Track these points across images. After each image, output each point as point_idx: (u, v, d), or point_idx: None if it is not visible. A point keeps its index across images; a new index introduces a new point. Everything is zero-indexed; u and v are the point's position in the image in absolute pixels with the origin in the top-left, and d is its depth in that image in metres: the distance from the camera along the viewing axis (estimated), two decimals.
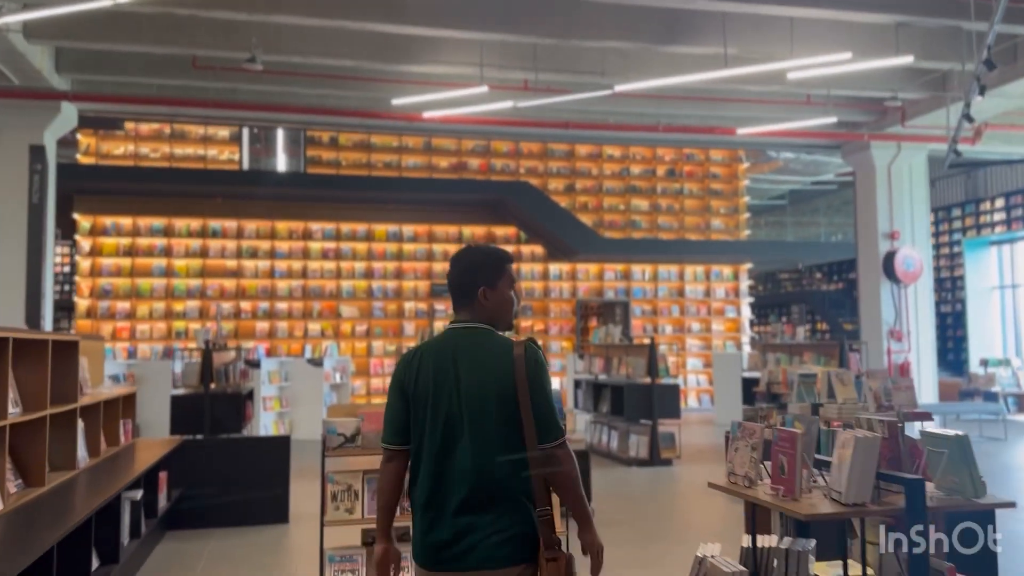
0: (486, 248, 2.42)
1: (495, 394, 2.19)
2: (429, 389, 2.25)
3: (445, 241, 16.48)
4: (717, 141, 13.87)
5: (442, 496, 2.21)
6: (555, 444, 2.20)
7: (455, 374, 2.23)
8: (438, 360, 2.27)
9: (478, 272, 2.34)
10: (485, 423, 2.19)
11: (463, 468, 2.18)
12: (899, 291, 13.02)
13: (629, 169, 17.44)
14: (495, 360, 2.23)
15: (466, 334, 2.31)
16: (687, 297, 17.29)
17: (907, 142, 12.71)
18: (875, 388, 5.02)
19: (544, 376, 2.24)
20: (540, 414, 2.18)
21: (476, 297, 2.31)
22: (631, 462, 9.68)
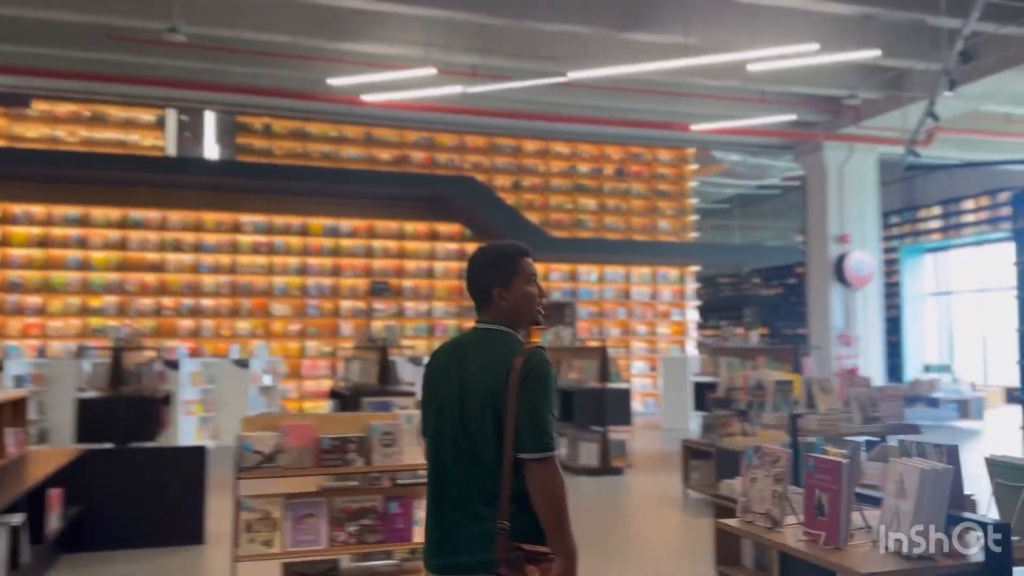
0: (499, 245, 2.33)
1: (488, 399, 2.13)
2: (435, 389, 2.26)
3: (385, 237, 15.73)
4: (671, 138, 13.48)
5: (436, 499, 2.22)
6: (533, 457, 2.06)
7: (459, 376, 2.20)
8: (449, 360, 2.26)
9: (491, 272, 2.26)
10: (475, 428, 2.14)
11: (452, 472, 2.18)
12: (849, 295, 12.83)
13: (576, 167, 16.98)
14: (495, 364, 2.15)
15: (479, 336, 2.26)
16: (633, 299, 16.91)
17: (860, 143, 12.52)
18: (860, 398, 4.57)
19: (535, 384, 2.11)
20: (521, 422, 2.08)
21: (492, 298, 2.25)
22: (581, 471, 9.16)
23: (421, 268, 15.80)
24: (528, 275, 2.29)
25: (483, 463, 2.13)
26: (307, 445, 3.54)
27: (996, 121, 12.08)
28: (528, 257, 2.32)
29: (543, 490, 2.06)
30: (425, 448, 2.30)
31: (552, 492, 2.06)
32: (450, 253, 15.99)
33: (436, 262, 15.83)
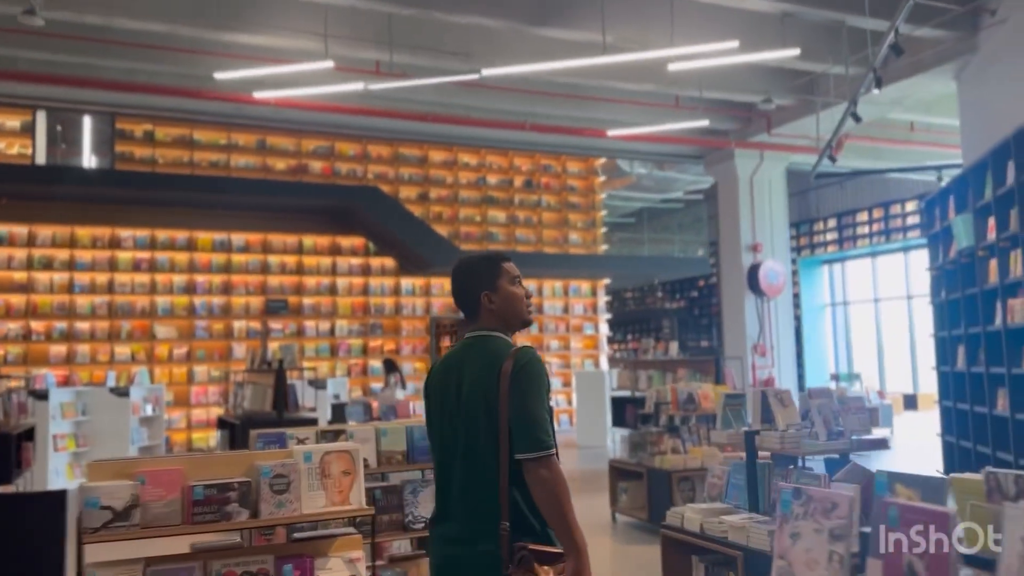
0: (478, 253, 2.39)
1: (483, 403, 2.14)
2: (434, 404, 2.28)
3: (282, 252, 14.71)
4: (583, 145, 13.08)
5: (441, 511, 2.23)
6: (531, 457, 2.06)
7: (457, 385, 2.22)
8: (445, 372, 2.28)
9: (476, 278, 2.30)
10: (475, 434, 2.15)
11: (456, 483, 2.17)
12: (762, 305, 12.70)
13: (486, 178, 16.42)
14: (487, 368, 2.15)
15: (473, 343, 2.27)
16: (545, 314, 16.42)
17: (770, 151, 12.46)
18: (824, 411, 4.09)
19: (525, 383, 2.10)
20: (515, 423, 2.08)
21: (481, 304, 2.28)
22: None
23: (322, 284, 14.85)
24: (512, 276, 2.31)
25: (484, 468, 2.12)
26: (173, 495, 2.74)
27: (901, 130, 12.23)
28: (510, 260, 2.36)
29: (543, 489, 2.03)
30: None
31: (553, 490, 2.03)
32: (353, 268, 15.10)
33: (338, 278, 14.92)
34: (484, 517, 2.10)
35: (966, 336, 8.20)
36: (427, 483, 4.12)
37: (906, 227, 22.19)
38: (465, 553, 2.12)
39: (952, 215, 8.74)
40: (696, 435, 6.98)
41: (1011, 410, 6.93)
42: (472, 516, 2.14)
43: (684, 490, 6.61)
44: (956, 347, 8.72)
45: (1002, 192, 7.03)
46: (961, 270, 8.24)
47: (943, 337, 9.13)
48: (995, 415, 7.44)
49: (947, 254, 8.83)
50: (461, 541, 2.13)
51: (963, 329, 8.28)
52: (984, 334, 7.59)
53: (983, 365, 7.79)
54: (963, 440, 8.45)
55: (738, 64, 8.68)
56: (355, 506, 2.99)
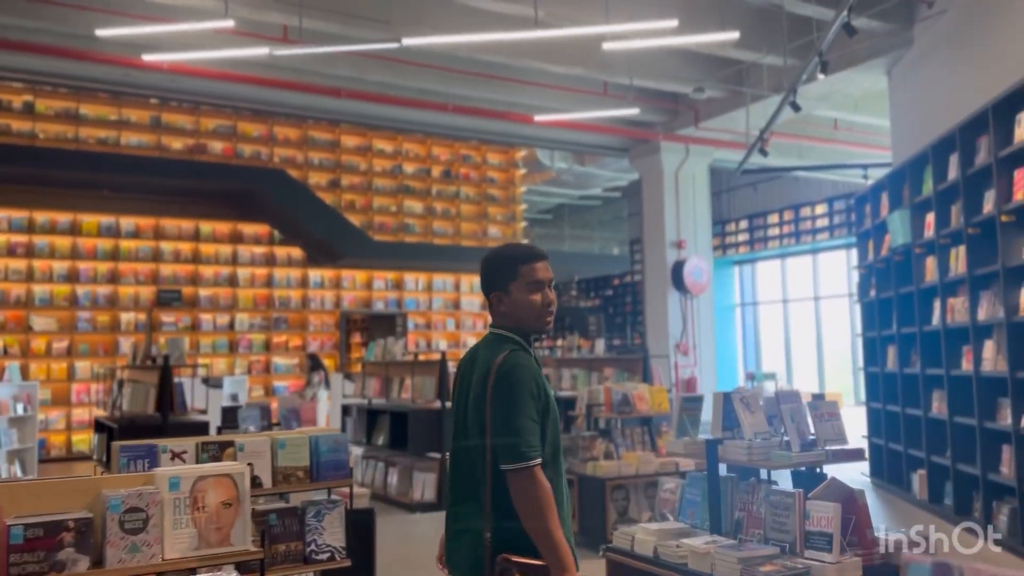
0: (505, 248, 2.32)
1: (476, 406, 2.12)
2: (454, 397, 2.29)
3: (177, 239, 13.56)
4: (506, 132, 12.45)
5: (449, 508, 2.24)
6: (510, 468, 2.01)
7: (467, 387, 2.21)
8: (464, 366, 2.29)
9: (489, 276, 2.28)
10: (469, 436, 2.14)
11: (455, 483, 2.19)
12: (686, 303, 12.41)
13: (402, 167, 15.62)
14: (481, 372, 2.14)
15: (486, 341, 2.27)
16: (463, 309, 15.77)
17: (697, 145, 12.16)
18: (795, 416, 3.60)
19: (506, 391, 2.05)
20: (495, 434, 2.04)
21: (491, 303, 2.28)
22: (415, 507, 7.79)
23: (221, 275, 13.76)
24: (530, 281, 2.22)
25: (475, 473, 2.11)
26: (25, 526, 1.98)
27: (825, 128, 12.13)
28: (537, 262, 2.25)
29: (523, 501, 2.00)
30: None
31: (534, 503, 1.99)
32: (256, 258, 14.07)
33: (239, 268, 13.86)
34: (473, 520, 2.10)
35: (899, 336, 8.00)
36: (335, 504, 3.42)
37: (815, 229, 22.58)
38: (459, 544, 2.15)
39: (885, 212, 8.55)
40: (630, 439, 6.48)
41: (949, 412, 6.70)
42: (464, 515, 2.15)
43: (618, 499, 6.08)
44: (886, 347, 8.54)
45: (944, 187, 6.79)
46: (895, 268, 8.04)
47: (872, 337, 8.95)
48: (931, 417, 7.22)
49: (878, 251, 8.65)
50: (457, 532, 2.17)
51: (895, 329, 8.08)
52: (920, 334, 7.38)
53: (917, 366, 7.59)
54: (893, 443, 8.26)
55: (671, 50, 8.28)
56: (238, 548, 2.28)
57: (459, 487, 2.18)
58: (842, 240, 21.81)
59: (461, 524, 2.15)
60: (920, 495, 7.38)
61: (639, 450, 6.43)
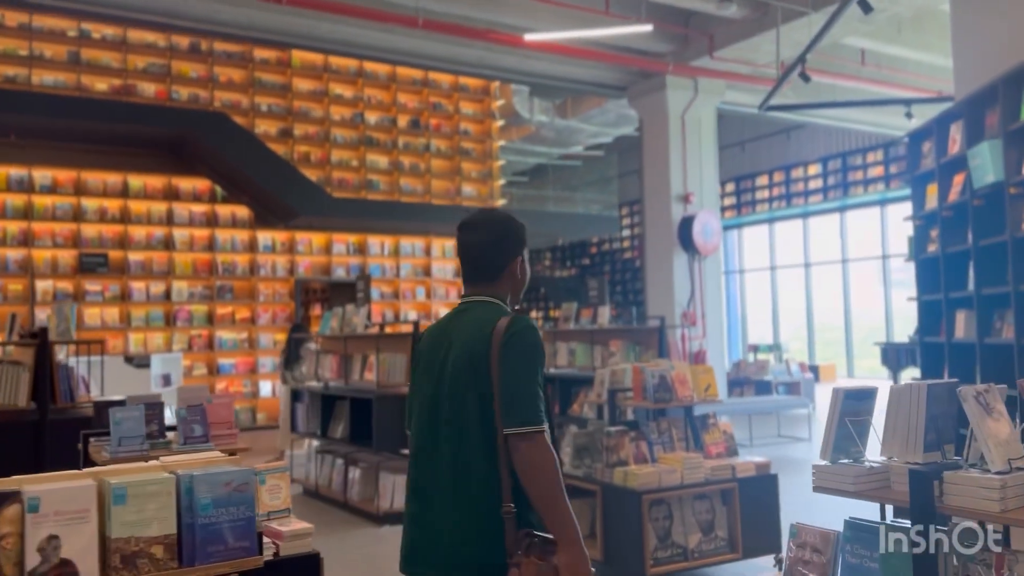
0: (503, 214, 2.14)
1: (472, 372, 1.93)
2: (421, 373, 2.06)
3: (101, 195, 11.65)
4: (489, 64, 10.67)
5: (420, 489, 1.99)
6: (516, 432, 1.84)
7: (445, 353, 2.00)
8: (438, 337, 2.07)
9: (512, 240, 2.08)
10: (462, 408, 1.94)
11: (439, 458, 1.94)
12: (694, 265, 10.84)
13: (364, 116, 13.77)
14: (479, 332, 1.95)
15: (470, 307, 2.06)
16: (435, 277, 14.07)
17: (708, 80, 10.52)
18: None
19: (518, 351, 1.90)
20: (503, 395, 1.88)
21: (506, 269, 2.07)
22: (383, 517, 6.16)
23: (154, 237, 11.89)
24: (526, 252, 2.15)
25: (472, 443, 1.92)
26: None
27: (851, 63, 10.54)
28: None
29: (531, 470, 1.84)
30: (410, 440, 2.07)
31: (543, 471, 1.84)
32: (196, 217, 12.21)
33: (176, 228, 11.98)
34: (476, 499, 1.89)
35: (978, 298, 6.51)
36: None
37: (808, 191, 21.21)
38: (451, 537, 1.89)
39: (956, 147, 7.03)
40: (667, 435, 4.88)
41: None
42: (462, 496, 1.90)
43: (658, 518, 4.50)
44: (954, 313, 7.07)
45: None
46: (974, 215, 6.55)
47: (932, 301, 7.47)
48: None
49: (944, 197, 7.14)
50: (445, 523, 1.91)
51: (972, 289, 6.60)
52: (1016, 295, 5.89)
53: (1010, 335, 6.13)
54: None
55: None
56: None
57: (446, 472, 1.91)
58: (836, 202, 20.47)
59: (462, 511, 1.89)
60: None
61: (679, 450, 4.85)
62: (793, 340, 21.66)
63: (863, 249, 19.88)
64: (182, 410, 3.40)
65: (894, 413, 2.23)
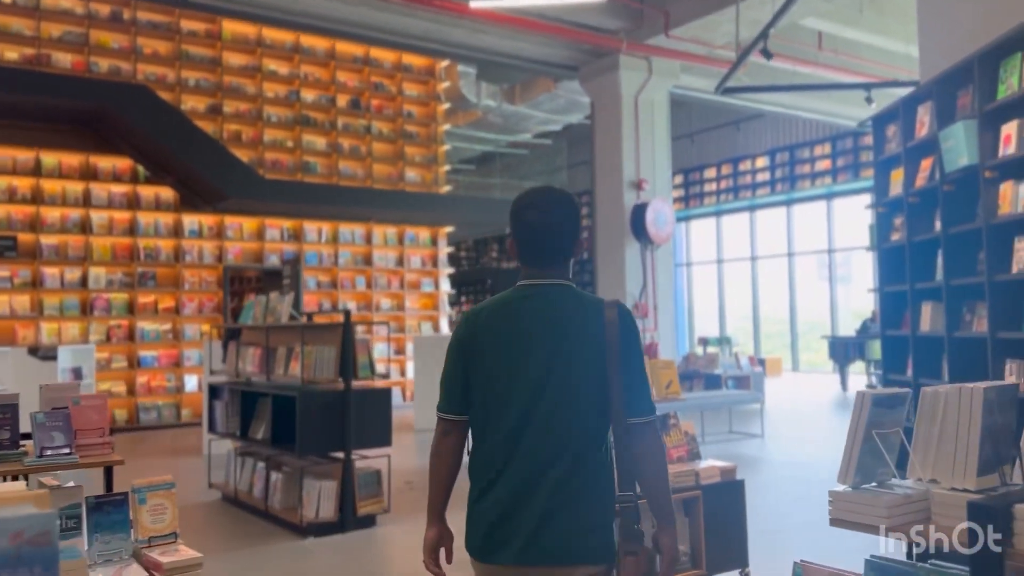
0: (566, 192, 2.02)
1: (585, 361, 1.85)
2: (503, 353, 1.89)
3: (12, 173, 10.72)
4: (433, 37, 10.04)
5: (514, 478, 1.85)
6: (646, 420, 1.86)
7: (538, 335, 1.88)
8: (517, 319, 1.91)
9: (578, 223, 2.00)
10: (572, 394, 1.85)
11: (541, 449, 1.83)
12: (646, 255, 10.41)
13: (299, 94, 13.00)
14: (588, 322, 1.87)
15: (553, 292, 1.91)
16: (376, 266, 13.39)
17: (662, 61, 10.09)
18: None
19: (634, 340, 1.90)
20: (628, 383, 1.85)
21: (573, 251, 1.96)
22: (307, 528, 5.54)
23: (70, 219, 10.99)
24: None
25: (589, 431, 1.85)
26: None
27: (809, 46, 10.21)
28: None
29: (657, 455, 1.89)
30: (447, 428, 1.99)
31: (660, 457, 1.90)
32: (116, 199, 11.33)
33: (94, 211, 11.10)
34: (596, 487, 1.84)
35: (947, 288, 6.18)
36: None
37: (755, 184, 21.09)
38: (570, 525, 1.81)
39: (924, 130, 6.68)
40: None
41: None
42: (581, 485, 1.82)
43: None
44: (920, 304, 6.73)
45: None
46: (945, 200, 6.21)
47: (896, 292, 7.14)
48: None
49: (911, 183, 6.80)
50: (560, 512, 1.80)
51: (941, 279, 6.26)
52: (989, 285, 5.55)
53: (982, 327, 5.80)
54: None
55: None
56: None
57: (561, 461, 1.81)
58: (783, 196, 20.38)
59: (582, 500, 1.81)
60: None
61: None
62: (738, 333, 21.53)
63: (809, 243, 19.83)
64: (39, 414, 2.76)
65: (929, 424, 1.75)
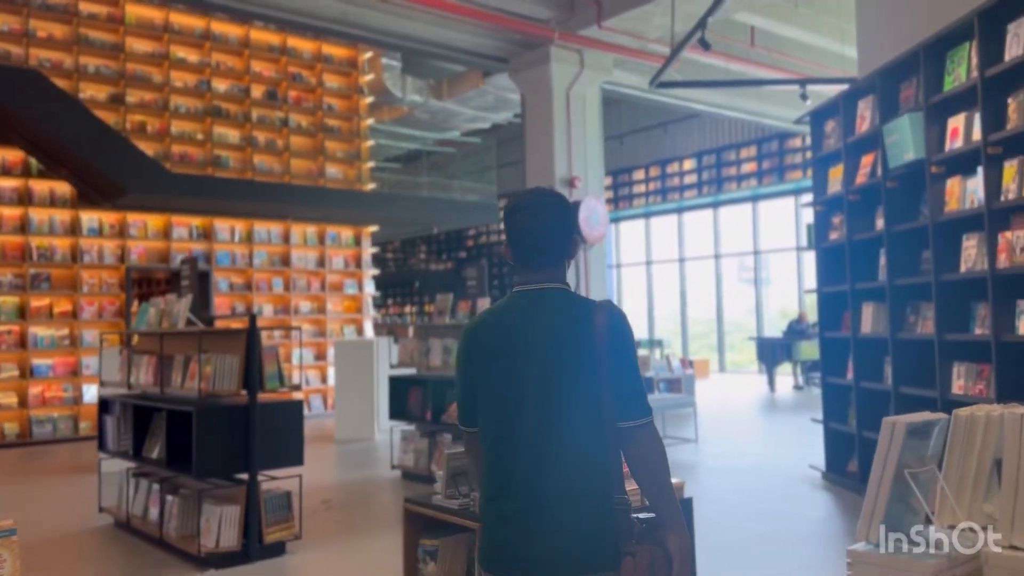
0: (557, 194, 2.01)
1: (578, 367, 1.83)
2: (498, 364, 1.89)
3: None
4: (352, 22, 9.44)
5: (513, 487, 1.85)
6: (641, 423, 1.84)
7: (530, 344, 1.86)
8: (511, 328, 1.90)
9: (571, 225, 1.99)
10: (574, 400, 1.83)
11: (537, 453, 1.83)
12: (580, 254, 10.02)
13: (210, 83, 12.20)
14: (580, 325, 1.85)
15: (546, 295, 1.91)
16: (294, 266, 12.67)
17: (596, 53, 9.73)
18: None
19: (631, 344, 1.89)
20: (621, 386, 1.83)
21: (569, 252, 1.97)
22: (208, 559, 4.92)
23: None
24: None
25: (588, 437, 1.84)
26: None
27: (741, 44, 10.02)
28: None
29: (653, 457, 1.86)
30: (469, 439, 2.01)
31: (658, 458, 1.87)
32: (6, 194, 10.37)
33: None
34: (596, 492, 1.83)
35: (890, 289, 5.95)
36: None
37: (683, 186, 21.12)
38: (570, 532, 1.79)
39: (865, 125, 6.47)
40: None
41: (999, 395, 4.71)
42: (581, 491, 1.81)
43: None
44: (861, 305, 6.52)
45: (999, 71, 4.72)
46: (888, 198, 5.99)
47: (835, 293, 6.92)
48: (951, 399, 5.23)
49: (851, 180, 6.59)
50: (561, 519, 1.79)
51: (885, 279, 6.03)
52: (937, 285, 5.33)
53: (928, 328, 5.59)
54: (869, 430, 6.29)
55: None
56: None
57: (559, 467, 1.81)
58: (710, 198, 20.44)
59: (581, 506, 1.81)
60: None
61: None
62: (666, 335, 21.47)
63: (735, 244, 19.92)
64: None
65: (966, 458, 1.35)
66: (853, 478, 6.47)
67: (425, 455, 6.95)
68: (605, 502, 1.83)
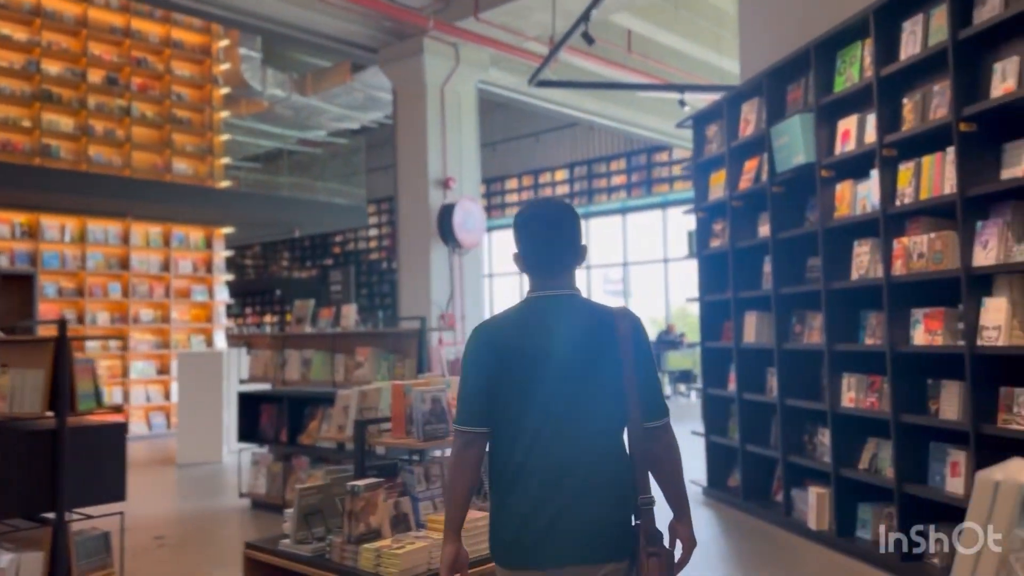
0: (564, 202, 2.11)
1: (599, 368, 1.94)
2: (519, 364, 1.94)
3: None
4: None
5: (535, 485, 1.91)
6: (661, 424, 1.98)
7: (558, 345, 1.94)
8: (537, 329, 1.96)
9: (579, 230, 2.06)
10: (587, 401, 1.93)
11: (561, 452, 1.90)
12: (453, 260, 9.50)
13: (40, 65, 10.83)
14: (600, 329, 1.95)
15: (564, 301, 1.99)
16: (135, 270, 11.43)
17: (472, 46, 9.25)
18: None
19: (645, 344, 2.00)
20: (644, 387, 1.95)
21: (577, 260, 2.03)
22: None
23: None
24: None
25: (613, 437, 1.96)
26: None
27: (618, 49, 9.82)
28: None
29: (673, 455, 2.00)
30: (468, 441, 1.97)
31: (676, 454, 2.01)
32: None
33: None
34: (621, 488, 1.93)
35: (776, 298, 5.76)
36: None
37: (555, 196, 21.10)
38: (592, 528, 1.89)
39: (749, 129, 6.29)
40: (437, 490, 3.35)
41: (895, 408, 4.52)
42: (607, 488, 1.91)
43: None
44: (743, 315, 6.31)
45: (894, 70, 4.57)
46: (774, 203, 5.80)
47: (717, 301, 6.71)
48: (841, 412, 5.05)
49: (734, 185, 6.40)
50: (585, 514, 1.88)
51: (770, 287, 5.83)
52: (827, 294, 5.13)
53: (815, 339, 5.40)
54: (754, 444, 6.07)
55: None
56: None
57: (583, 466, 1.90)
58: (582, 209, 20.50)
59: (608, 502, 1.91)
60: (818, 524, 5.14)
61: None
62: None
63: (603, 256, 20.02)
64: None
65: None
66: (735, 494, 6.25)
67: (279, 481, 6.19)
68: (624, 495, 1.92)
